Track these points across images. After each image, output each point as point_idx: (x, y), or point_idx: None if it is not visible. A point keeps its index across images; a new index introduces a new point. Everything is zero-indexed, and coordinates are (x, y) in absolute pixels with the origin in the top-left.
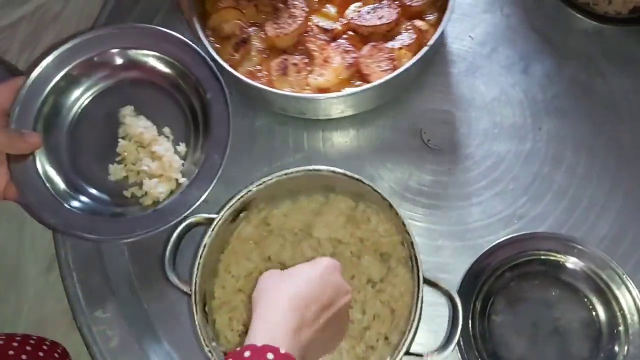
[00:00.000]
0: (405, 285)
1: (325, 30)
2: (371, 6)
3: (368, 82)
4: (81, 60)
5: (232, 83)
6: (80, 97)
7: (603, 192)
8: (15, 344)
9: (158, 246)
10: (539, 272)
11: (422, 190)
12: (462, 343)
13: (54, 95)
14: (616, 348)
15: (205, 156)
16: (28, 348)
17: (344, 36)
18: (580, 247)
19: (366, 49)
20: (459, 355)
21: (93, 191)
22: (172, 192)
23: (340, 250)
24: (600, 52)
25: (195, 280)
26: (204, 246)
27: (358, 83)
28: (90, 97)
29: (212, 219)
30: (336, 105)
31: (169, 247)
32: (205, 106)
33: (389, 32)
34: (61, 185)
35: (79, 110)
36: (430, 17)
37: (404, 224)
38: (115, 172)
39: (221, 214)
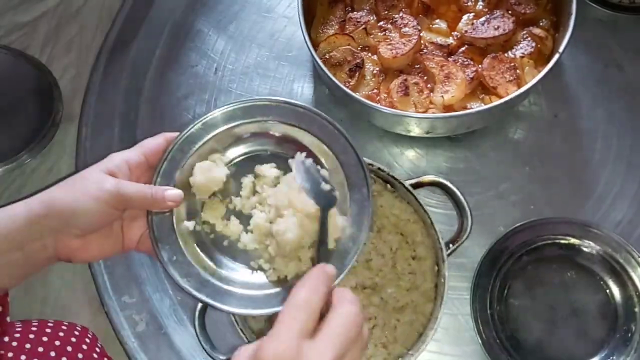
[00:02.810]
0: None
1: (440, 47)
2: (484, 18)
3: (495, 94)
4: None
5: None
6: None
7: (618, 178)
8: (48, 330)
9: None
10: (555, 256)
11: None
12: (480, 325)
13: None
14: (633, 328)
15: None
16: (60, 334)
17: (461, 50)
18: (596, 230)
19: (487, 61)
20: (478, 339)
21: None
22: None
23: None
24: (615, 41)
25: None
26: None
27: (482, 96)
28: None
29: None
30: (466, 123)
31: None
32: None
33: (506, 42)
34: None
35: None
36: (545, 23)
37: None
38: (249, 241)
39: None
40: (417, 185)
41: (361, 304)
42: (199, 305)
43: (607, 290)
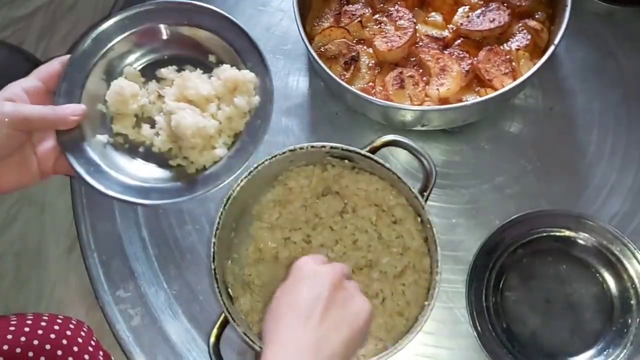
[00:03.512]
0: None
1: (435, 39)
2: (480, 10)
3: (491, 87)
4: (125, 35)
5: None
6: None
7: (614, 171)
8: (43, 324)
9: (176, 229)
10: (551, 249)
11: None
12: (476, 318)
13: (99, 70)
14: (629, 320)
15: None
16: (56, 327)
17: (456, 43)
18: (591, 223)
19: (482, 54)
20: (474, 332)
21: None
22: (215, 163)
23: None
24: (611, 33)
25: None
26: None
27: (477, 89)
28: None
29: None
30: (462, 116)
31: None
32: None
33: (502, 35)
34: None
35: None
36: (541, 15)
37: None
38: (162, 144)
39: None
40: (373, 150)
41: (363, 284)
42: (212, 338)
43: (603, 283)
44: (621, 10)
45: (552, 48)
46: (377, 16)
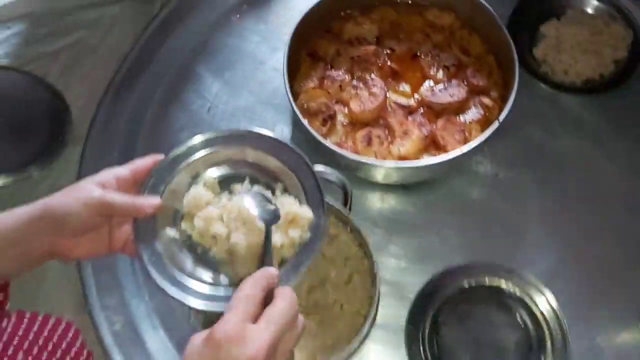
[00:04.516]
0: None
1: (402, 106)
2: (442, 85)
3: (445, 151)
4: (214, 150)
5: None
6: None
7: (543, 232)
8: (37, 323)
9: None
10: (483, 296)
11: (390, 218)
12: (412, 348)
13: (184, 173)
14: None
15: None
16: (48, 326)
17: (419, 111)
18: (519, 275)
19: (441, 122)
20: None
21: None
22: None
23: None
24: (555, 116)
25: None
26: None
27: (433, 152)
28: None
29: None
30: (417, 174)
31: None
32: None
33: (459, 108)
34: None
35: None
36: (495, 94)
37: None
38: (218, 253)
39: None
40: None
41: (321, 297)
42: None
43: (525, 328)
44: (566, 96)
45: (495, 124)
46: (354, 82)
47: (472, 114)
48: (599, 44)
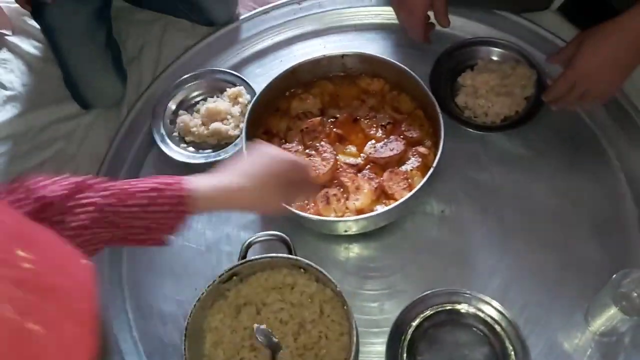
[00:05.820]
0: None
1: (351, 165)
2: (383, 142)
3: (393, 199)
4: None
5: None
6: None
7: (494, 257)
8: None
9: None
10: (447, 320)
11: (357, 265)
12: None
13: None
14: None
15: None
16: None
17: (367, 167)
18: (477, 297)
19: (386, 174)
20: None
21: None
22: None
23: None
24: (484, 152)
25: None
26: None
27: (384, 201)
28: None
29: None
30: (374, 222)
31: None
32: None
33: (400, 159)
34: None
35: None
36: (428, 143)
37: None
38: None
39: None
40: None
41: (307, 339)
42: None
43: (488, 342)
44: (488, 134)
45: (431, 170)
46: (307, 150)
47: (412, 162)
48: (509, 85)
